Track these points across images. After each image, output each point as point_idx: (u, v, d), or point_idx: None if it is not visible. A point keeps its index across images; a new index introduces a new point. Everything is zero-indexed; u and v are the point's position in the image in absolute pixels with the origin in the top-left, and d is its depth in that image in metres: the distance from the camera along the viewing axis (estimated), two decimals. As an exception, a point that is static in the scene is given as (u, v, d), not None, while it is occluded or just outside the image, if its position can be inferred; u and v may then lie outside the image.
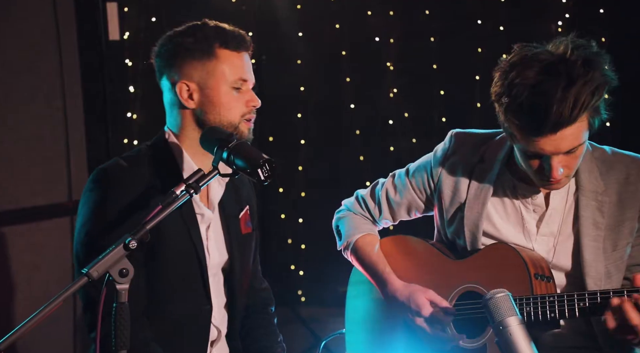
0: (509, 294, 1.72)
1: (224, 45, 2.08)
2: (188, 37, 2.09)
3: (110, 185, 2.05)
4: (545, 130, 1.89)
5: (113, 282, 1.64)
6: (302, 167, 4.76)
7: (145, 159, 2.11)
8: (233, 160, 1.84)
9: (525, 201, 2.15)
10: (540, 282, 2.05)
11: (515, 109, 1.92)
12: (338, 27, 4.68)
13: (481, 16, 4.66)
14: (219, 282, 2.21)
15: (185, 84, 2.08)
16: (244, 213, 2.26)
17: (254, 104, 2.11)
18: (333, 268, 4.46)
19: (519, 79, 1.91)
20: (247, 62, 2.12)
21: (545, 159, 1.96)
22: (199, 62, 2.07)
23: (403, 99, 4.75)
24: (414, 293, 2.20)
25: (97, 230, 2.02)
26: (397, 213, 2.38)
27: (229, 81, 2.07)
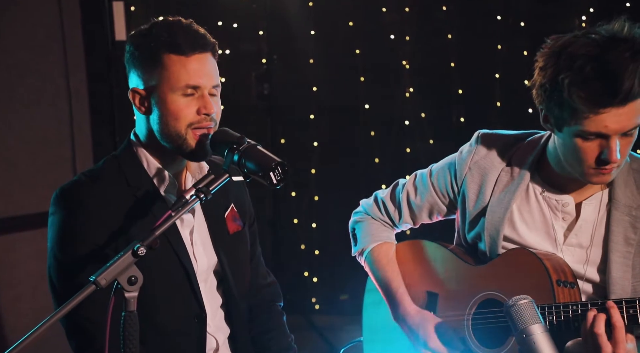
0: (532, 301, 1.71)
1: (171, 49, 1.99)
2: (136, 42, 2.03)
3: (72, 205, 2.02)
4: (616, 98, 1.85)
5: (121, 290, 1.65)
6: (315, 170, 4.76)
7: (111, 171, 2.08)
8: (244, 163, 1.84)
9: (555, 208, 2.13)
10: (564, 289, 2.03)
11: (580, 81, 1.87)
12: (352, 25, 4.68)
13: (501, 12, 4.64)
14: (211, 287, 2.19)
15: (135, 91, 2.04)
16: (229, 212, 2.23)
17: (205, 111, 2.00)
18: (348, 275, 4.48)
19: (577, 53, 1.88)
20: (201, 64, 2.01)
21: (605, 141, 1.92)
22: (147, 68, 2.01)
23: (420, 99, 4.74)
24: (425, 323, 2.21)
25: (65, 254, 2.01)
26: (418, 217, 2.37)
27: (176, 89, 1.99)
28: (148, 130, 2.07)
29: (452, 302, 2.23)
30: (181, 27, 2.03)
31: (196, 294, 2.10)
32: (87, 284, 1.61)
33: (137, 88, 2.05)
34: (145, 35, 2.03)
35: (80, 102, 4.10)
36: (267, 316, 2.35)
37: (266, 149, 1.88)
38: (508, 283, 2.10)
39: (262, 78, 4.66)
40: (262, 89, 4.67)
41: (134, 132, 2.13)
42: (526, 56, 4.56)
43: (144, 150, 2.09)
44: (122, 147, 2.14)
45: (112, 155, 2.14)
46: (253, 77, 4.64)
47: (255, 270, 2.35)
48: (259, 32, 4.61)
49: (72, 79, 4.05)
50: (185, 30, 2.02)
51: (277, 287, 2.42)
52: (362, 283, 2.47)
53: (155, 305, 2.05)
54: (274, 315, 2.36)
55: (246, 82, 4.64)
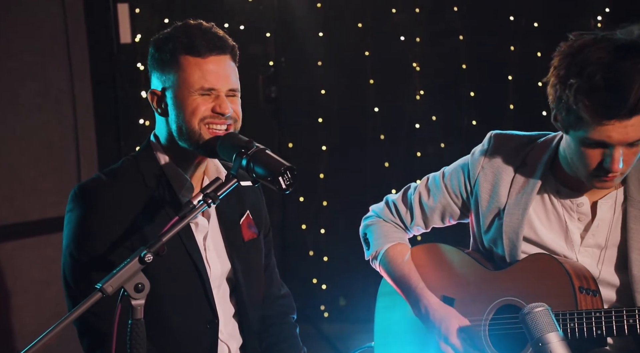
0: (549, 308, 1.71)
1: (188, 51, 2.03)
2: (158, 44, 2.09)
3: (90, 203, 2.05)
4: (621, 112, 1.85)
5: (128, 297, 1.66)
6: (323, 175, 4.77)
7: (129, 171, 2.11)
8: (252, 168, 1.85)
9: (570, 208, 2.14)
10: (586, 296, 2.03)
11: (588, 89, 1.88)
12: (361, 26, 4.68)
13: (514, 12, 4.64)
14: (224, 294, 2.20)
15: (154, 92, 2.10)
16: (244, 219, 2.25)
17: (219, 110, 2.03)
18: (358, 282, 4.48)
19: (590, 59, 1.88)
20: (218, 66, 2.05)
21: (608, 149, 1.93)
22: (165, 69, 2.07)
23: (430, 102, 4.73)
24: (448, 318, 2.21)
25: (81, 252, 2.03)
26: (430, 220, 2.37)
27: (192, 91, 2.03)
28: (167, 132, 2.11)
29: (470, 307, 2.23)
30: (200, 29, 2.07)
31: (209, 300, 2.12)
32: (93, 292, 1.62)
33: (155, 89, 2.10)
34: (165, 38, 2.08)
35: (84, 107, 4.12)
36: (280, 328, 2.35)
37: (274, 153, 1.89)
38: (528, 289, 2.10)
39: (269, 81, 4.66)
40: (270, 92, 4.67)
41: (154, 134, 2.16)
42: (540, 57, 4.56)
43: (163, 153, 2.12)
44: (141, 148, 2.17)
45: (131, 156, 2.18)
46: (260, 79, 4.65)
47: (269, 280, 2.36)
48: (267, 34, 4.62)
49: (76, 82, 4.07)
50: (203, 32, 2.06)
51: (291, 299, 2.44)
52: (372, 290, 2.48)
53: (167, 308, 2.07)
54: (286, 326, 2.37)
55: (253, 85, 4.65)
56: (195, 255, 2.10)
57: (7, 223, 3.90)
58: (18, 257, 3.94)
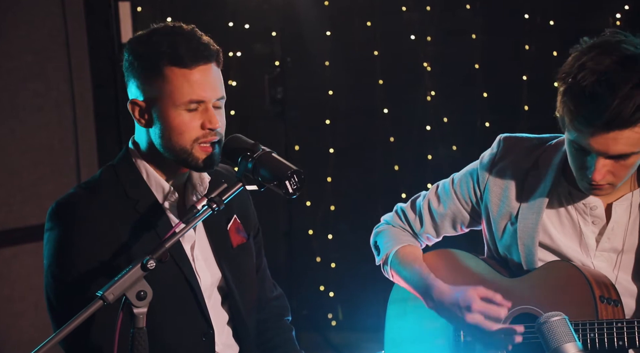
0: (566, 318, 1.70)
1: (173, 62, 1.96)
2: (135, 50, 2.01)
3: (69, 220, 2.01)
4: (598, 124, 1.87)
5: (130, 305, 1.66)
6: (331, 179, 4.77)
7: (108, 182, 2.08)
8: (258, 171, 1.84)
9: (583, 212, 2.13)
10: (607, 306, 2.02)
11: (574, 93, 1.90)
12: (370, 25, 4.68)
13: (529, 10, 4.63)
14: (216, 303, 2.19)
15: (135, 103, 2.03)
16: (232, 223, 2.22)
17: (211, 125, 1.99)
18: (367, 289, 4.47)
19: (591, 62, 1.90)
20: (206, 76, 1.99)
21: (590, 158, 1.95)
22: (147, 80, 2.00)
23: (442, 103, 4.73)
24: (463, 290, 2.17)
25: (63, 271, 2.00)
26: (441, 227, 2.37)
27: (179, 104, 1.97)
28: (148, 142, 2.07)
29: None
30: (183, 35, 2.00)
31: (203, 311, 2.11)
32: (94, 300, 1.62)
33: (136, 100, 2.03)
34: (145, 43, 2.01)
35: (84, 108, 4.13)
36: (275, 331, 2.34)
37: (279, 156, 1.89)
38: (546, 297, 2.09)
39: (275, 81, 4.67)
40: (276, 93, 4.68)
41: (132, 141, 2.12)
42: (555, 57, 4.55)
43: (143, 161, 2.09)
44: (119, 157, 2.13)
45: (110, 165, 2.13)
46: (266, 80, 4.65)
47: (261, 282, 2.35)
48: (272, 33, 4.62)
49: (76, 83, 4.08)
50: (187, 40, 1.99)
51: (285, 300, 2.42)
52: (381, 298, 2.47)
53: (161, 323, 2.05)
54: (282, 330, 2.36)
55: (258, 85, 4.65)
56: (185, 267, 2.08)
57: (6, 228, 3.90)
58: (17, 263, 3.94)
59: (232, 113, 4.39)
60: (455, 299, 2.17)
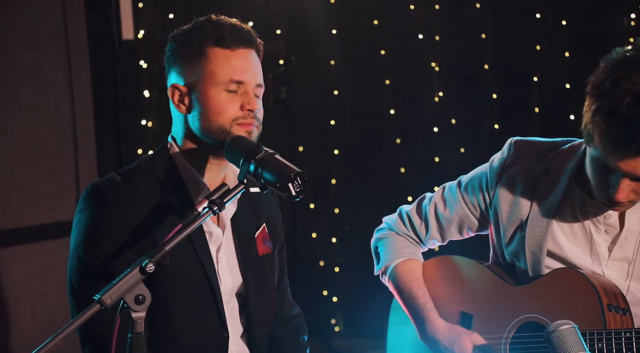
0: (576, 326, 1.70)
1: (216, 43, 2.07)
2: (181, 36, 2.12)
3: (103, 204, 2.06)
4: (630, 150, 1.86)
5: (128, 309, 1.65)
6: (335, 181, 4.77)
7: (144, 172, 2.13)
8: (261, 173, 1.85)
9: (596, 220, 2.13)
10: (615, 315, 2.02)
11: (608, 113, 1.87)
12: (377, 24, 4.68)
13: (540, 9, 4.62)
14: (233, 309, 2.20)
15: (175, 87, 2.12)
16: (260, 232, 2.26)
17: (249, 107, 2.07)
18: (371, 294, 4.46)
19: (626, 81, 1.86)
20: (247, 60, 2.09)
21: (615, 176, 1.94)
22: (189, 62, 2.09)
23: (450, 104, 4.72)
24: (458, 337, 2.20)
25: (90, 255, 2.04)
26: (447, 232, 2.36)
27: (219, 83, 2.06)
28: (186, 132, 2.12)
29: (489, 324, 2.22)
30: (227, 21, 2.12)
31: (220, 314, 2.13)
32: (92, 303, 1.63)
33: (177, 84, 2.11)
34: (189, 31, 2.11)
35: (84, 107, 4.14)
36: (289, 349, 2.35)
37: (283, 157, 1.89)
38: (552, 306, 2.09)
39: (279, 81, 4.67)
40: (279, 93, 4.68)
41: (171, 135, 2.18)
42: (568, 58, 4.54)
43: (181, 155, 2.14)
44: (158, 149, 2.19)
45: (148, 156, 2.19)
46: (269, 79, 4.65)
47: (281, 300, 2.37)
48: (277, 31, 4.63)
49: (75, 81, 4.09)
50: (231, 24, 2.11)
51: (303, 320, 2.44)
52: (386, 303, 2.47)
53: (176, 320, 2.08)
54: (297, 348, 2.36)
55: (262, 85, 4.66)
56: (208, 267, 2.11)
57: (3, 229, 3.91)
58: (13, 266, 3.95)
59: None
60: (450, 344, 2.20)
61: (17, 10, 3.94)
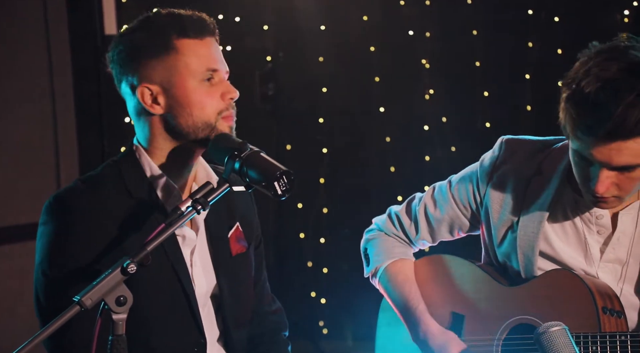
0: (566, 328, 1.70)
1: (182, 34, 2.03)
2: (140, 33, 2.05)
3: (66, 215, 2.01)
4: (600, 133, 1.86)
5: (109, 311, 1.65)
6: (324, 180, 4.77)
7: (110, 178, 2.08)
8: (246, 172, 1.84)
9: (589, 221, 2.13)
10: (610, 318, 2.02)
11: (577, 100, 1.90)
12: (366, 20, 4.69)
13: (532, 5, 4.64)
14: (209, 313, 2.18)
15: (146, 88, 2.03)
16: (234, 231, 2.23)
17: (230, 96, 2.06)
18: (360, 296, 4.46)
19: (597, 68, 1.89)
20: (215, 48, 2.07)
21: (594, 168, 1.95)
22: (157, 59, 2.02)
23: (441, 102, 4.73)
24: (449, 344, 2.20)
25: (55, 270, 2.00)
26: (437, 232, 2.37)
27: (196, 74, 2.02)
28: (157, 134, 2.07)
29: (481, 324, 2.22)
30: (186, 12, 2.08)
31: (196, 319, 2.10)
32: (71, 305, 1.61)
33: (147, 84, 2.04)
34: (148, 27, 2.06)
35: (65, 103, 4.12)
36: (271, 346, 2.34)
37: (270, 155, 1.89)
38: (546, 308, 2.09)
39: (266, 78, 4.67)
40: (267, 90, 4.68)
41: (136, 138, 2.13)
42: (560, 55, 4.56)
43: (149, 158, 2.09)
44: (124, 152, 2.14)
45: (113, 161, 2.14)
46: (257, 76, 4.65)
47: (259, 296, 2.35)
48: (264, 27, 4.62)
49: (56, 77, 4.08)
50: (189, 14, 2.07)
51: (283, 315, 2.42)
52: (375, 305, 2.47)
53: (150, 329, 2.05)
54: (277, 345, 2.35)
55: (249, 82, 4.64)
56: (181, 271, 2.08)
57: (-20, 229, 3.90)
58: (-9, 266, 3.94)
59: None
60: (439, 349, 2.20)
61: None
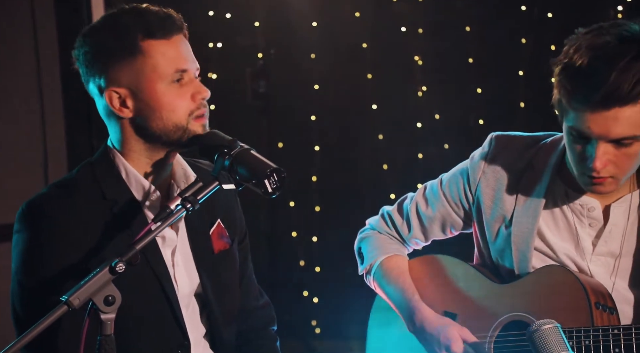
0: (559, 326, 1.71)
1: (148, 34, 1.98)
2: (105, 34, 2.00)
3: (40, 222, 1.99)
4: (596, 100, 1.87)
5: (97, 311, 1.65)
6: (316, 178, 4.77)
7: (85, 182, 2.06)
8: (236, 169, 1.85)
9: (580, 214, 2.14)
10: (602, 313, 2.04)
11: (571, 71, 1.92)
12: (358, 16, 4.69)
13: (526, 1, 4.65)
14: (193, 312, 2.17)
15: (114, 91, 2.00)
16: (215, 228, 2.21)
17: (201, 95, 2.02)
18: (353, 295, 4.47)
19: (587, 42, 1.92)
20: (183, 46, 2.02)
21: (590, 146, 1.95)
22: (124, 62, 1.99)
23: (433, 99, 4.74)
24: (447, 326, 2.20)
25: (31, 279, 1.98)
26: (430, 231, 2.37)
27: (165, 77, 1.98)
28: (129, 136, 2.05)
29: (473, 322, 2.23)
30: (146, 9, 2.03)
31: (178, 321, 2.09)
32: (59, 305, 1.61)
33: (114, 88, 2.01)
34: (111, 26, 2.01)
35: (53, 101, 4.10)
36: (259, 341, 2.34)
37: (262, 153, 1.89)
38: (539, 304, 2.11)
39: (258, 75, 4.66)
40: (258, 87, 4.67)
41: (110, 140, 2.11)
42: (554, 51, 4.56)
43: (124, 160, 2.07)
44: (98, 154, 2.12)
45: (87, 163, 2.12)
46: (248, 73, 4.65)
47: (245, 291, 2.34)
48: (255, 24, 4.61)
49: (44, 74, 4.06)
50: (153, 12, 2.02)
51: (271, 309, 2.41)
52: (368, 304, 2.48)
53: (132, 334, 2.03)
54: (266, 341, 2.35)
55: (240, 79, 4.64)
56: (161, 273, 2.06)
57: (-34, 228, 3.88)
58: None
59: (212, 108, 4.36)
60: (437, 332, 2.20)
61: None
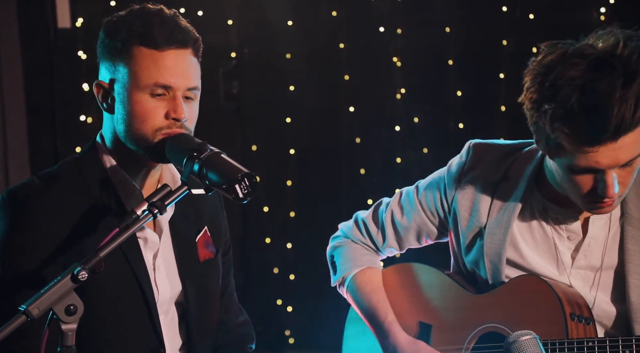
0: (537, 337, 1.72)
1: (142, 41, 1.99)
2: (107, 29, 2.06)
3: (20, 212, 2.00)
4: (605, 137, 1.87)
5: (58, 321, 1.63)
6: (291, 182, 4.77)
7: (68, 176, 2.07)
8: (206, 174, 1.84)
9: (558, 227, 2.15)
10: (578, 324, 2.05)
11: (564, 116, 1.89)
12: (335, 15, 4.70)
13: (507, 2, 4.69)
14: (172, 320, 2.18)
15: (100, 84, 2.06)
16: (202, 236, 2.22)
17: (174, 115, 2.00)
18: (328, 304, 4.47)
19: (562, 80, 1.89)
20: (176, 62, 2.01)
21: (599, 175, 1.95)
22: (115, 59, 2.03)
23: (412, 101, 4.76)
24: (420, 351, 2.21)
25: (7, 271, 1.98)
26: (405, 240, 2.37)
27: (143, 87, 1.99)
28: (114, 135, 2.08)
29: (448, 334, 2.24)
30: (160, 16, 2.03)
31: (155, 327, 2.09)
32: (17, 314, 1.60)
33: (102, 81, 2.06)
34: (117, 22, 2.04)
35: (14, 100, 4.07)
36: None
37: (235, 157, 1.89)
38: (514, 315, 2.12)
39: (231, 75, 4.66)
40: (231, 88, 4.67)
41: (100, 134, 2.13)
42: (536, 53, 4.58)
43: (110, 156, 2.09)
44: (85, 149, 2.14)
45: (73, 158, 2.13)
46: (220, 73, 4.64)
47: (226, 306, 2.34)
48: (228, 22, 4.61)
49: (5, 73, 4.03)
50: (162, 21, 2.02)
51: (251, 328, 2.42)
52: (343, 314, 2.48)
53: (106, 336, 2.04)
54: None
55: (212, 79, 4.63)
56: (141, 276, 2.07)
57: None
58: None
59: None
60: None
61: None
